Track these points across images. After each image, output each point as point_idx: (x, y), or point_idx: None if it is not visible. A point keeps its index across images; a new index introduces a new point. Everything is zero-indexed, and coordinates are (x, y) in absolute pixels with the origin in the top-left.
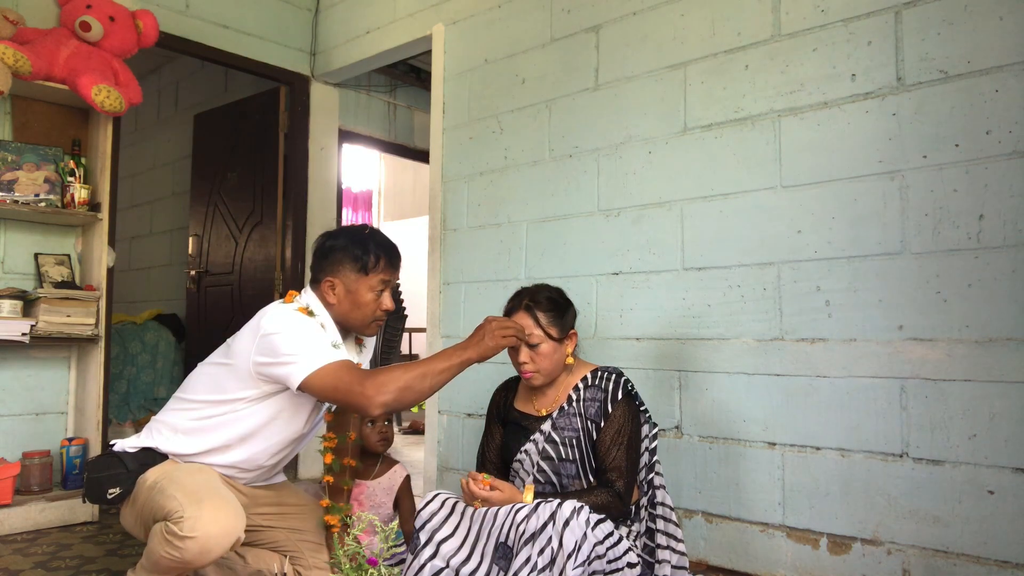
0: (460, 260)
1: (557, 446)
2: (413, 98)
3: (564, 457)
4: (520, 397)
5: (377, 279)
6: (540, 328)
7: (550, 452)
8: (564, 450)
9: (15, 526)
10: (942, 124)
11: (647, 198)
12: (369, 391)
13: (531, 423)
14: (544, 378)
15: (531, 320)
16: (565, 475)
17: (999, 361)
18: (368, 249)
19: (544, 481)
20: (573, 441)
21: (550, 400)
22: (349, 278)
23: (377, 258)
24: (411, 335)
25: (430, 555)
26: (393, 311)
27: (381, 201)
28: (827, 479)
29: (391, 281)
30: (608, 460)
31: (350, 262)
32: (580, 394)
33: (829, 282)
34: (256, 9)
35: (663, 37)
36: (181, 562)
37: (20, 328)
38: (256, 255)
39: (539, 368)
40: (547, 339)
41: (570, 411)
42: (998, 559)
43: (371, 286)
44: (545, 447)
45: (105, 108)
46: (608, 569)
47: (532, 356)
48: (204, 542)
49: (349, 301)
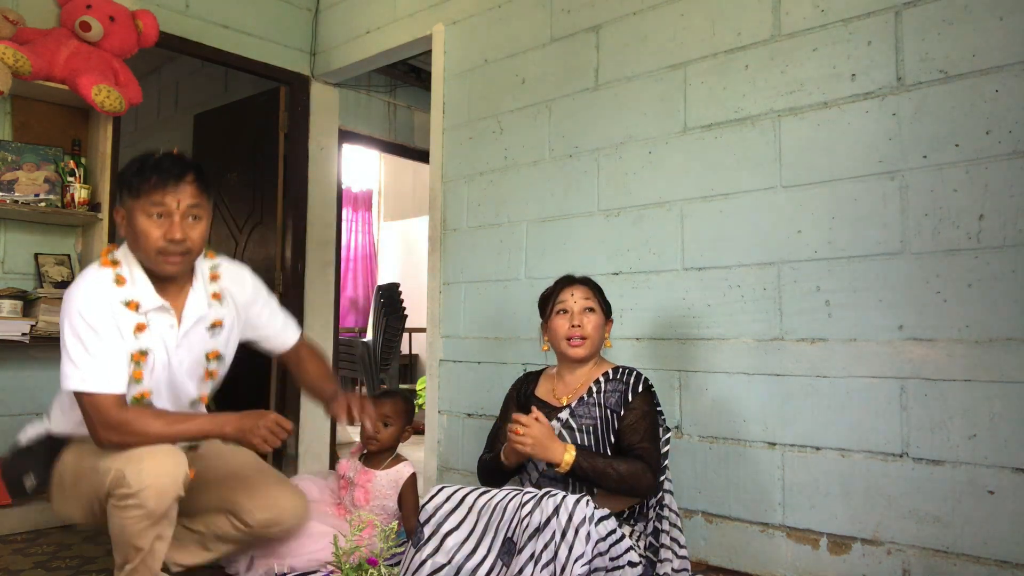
0: (460, 260)
1: (573, 432)
2: (413, 98)
3: (579, 443)
4: (541, 387)
5: (148, 201)
6: (597, 299)
7: (566, 437)
8: (580, 436)
9: (15, 526)
10: (942, 124)
11: (647, 198)
12: (101, 436)
13: (550, 411)
14: (588, 348)
15: (588, 289)
16: None
17: (999, 361)
18: (138, 168)
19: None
20: (590, 428)
21: (572, 390)
22: (127, 205)
23: (146, 177)
24: (411, 335)
25: (432, 550)
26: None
27: (381, 201)
28: (827, 479)
29: (168, 205)
30: (633, 439)
31: (124, 186)
32: (601, 387)
33: (829, 282)
34: (256, 9)
35: (663, 37)
36: (147, 514)
37: (20, 328)
38: (256, 255)
39: (588, 334)
40: (600, 311)
41: (590, 401)
42: (998, 559)
43: (145, 211)
44: (561, 432)
45: (105, 108)
46: (610, 566)
47: (585, 321)
48: (157, 484)
49: (131, 232)
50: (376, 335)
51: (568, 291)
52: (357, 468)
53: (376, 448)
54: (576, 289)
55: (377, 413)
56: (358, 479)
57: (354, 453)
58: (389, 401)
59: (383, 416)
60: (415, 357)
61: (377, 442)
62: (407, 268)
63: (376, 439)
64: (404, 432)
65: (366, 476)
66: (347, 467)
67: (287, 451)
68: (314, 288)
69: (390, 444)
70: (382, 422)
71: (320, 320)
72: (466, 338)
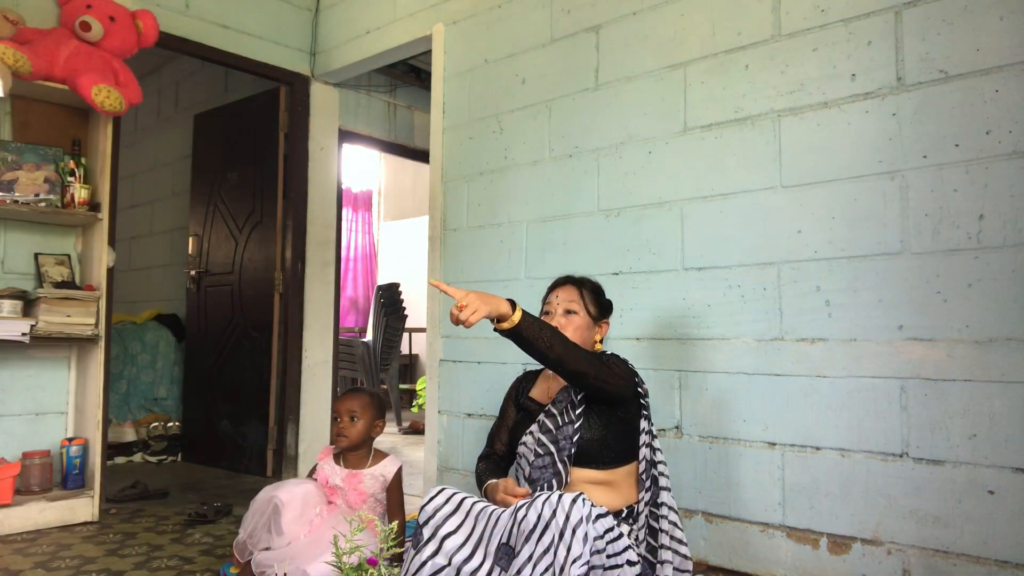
0: (460, 260)
1: (554, 417)
2: (413, 98)
3: (560, 424)
4: (537, 387)
5: None
6: (582, 301)
7: (548, 425)
8: (560, 418)
9: (15, 526)
10: (942, 124)
11: (647, 198)
12: None
13: (539, 409)
14: None
15: (576, 292)
16: (562, 438)
17: (999, 361)
18: None
19: (544, 453)
20: (567, 405)
21: (562, 387)
22: None
23: None
24: (411, 335)
25: (432, 552)
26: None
27: (381, 201)
28: (827, 479)
29: None
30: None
31: None
32: None
33: (829, 282)
34: (256, 9)
35: (663, 37)
36: None
37: (20, 328)
38: (256, 255)
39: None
40: (585, 312)
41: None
42: (998, 559)
43: None
44: (544, 421)
45: (105, 108)
46: (608, 564)
47: (563, 323)
48: None
49: None
50: (376, 335)
51: (554, 292)
52: (340, 472)
53: (347, 445)
54: (563, 290)
55: (344, 409)
56: (346, 483)
57: (323, 458)
58: (353, 396)
59: (350, 412)
60: (415, 357)
61: (347, 439)
62: (407, 268)
63: (346, 436)
64: (375, 426)
65: (354, 478)
66: (329, 473)
67: (287, 451)
68: (314, 288)
69: (361, 439)
70: (349, 417)
71: (320, 320)
72: (466, 338)
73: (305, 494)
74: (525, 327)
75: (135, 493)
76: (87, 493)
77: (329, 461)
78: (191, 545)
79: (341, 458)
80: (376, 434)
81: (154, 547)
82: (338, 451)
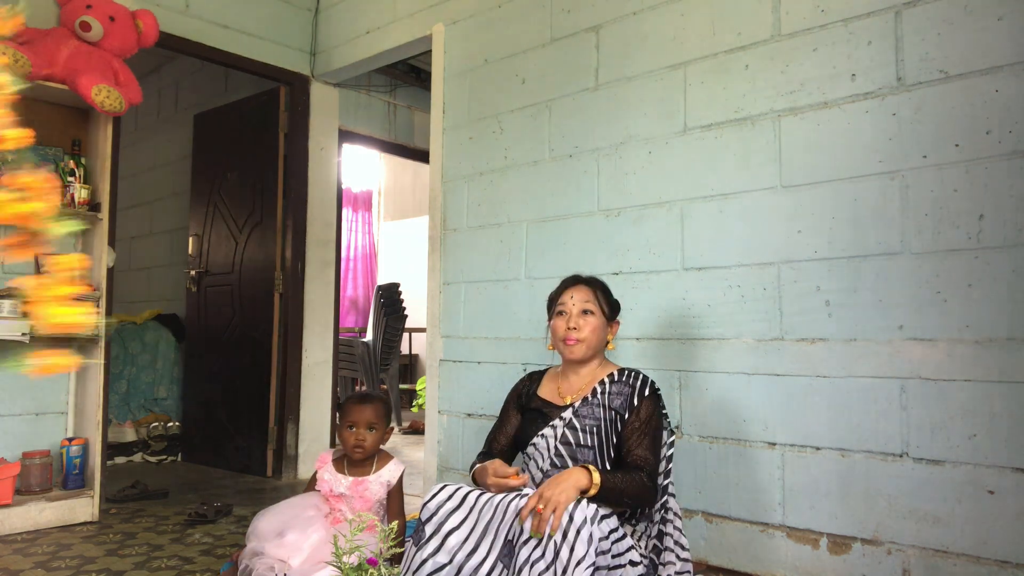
0: (460, 260)
1: (576, 432)
2: (413, 98)
3: (582, 443)
4: (545, 386)
5: None
6: (597, 301)
7: (569, 437)
8: (583, 436)
9: (15, 526)
10: (942, 124)
11: (647, 198)
12: None
13: (552, 410)
14: (584, 350)
15: (590, 292)
16: (582, 460)
17: (999, 361)
18: None
19: (560, 465)
20: (593, 429)
21: (576, 389)
22: None
23: None
24: (411, 335)
25: (433, 549)
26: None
27: (381, 201)
28: (827, 479)
29: None
30: (635, 448)
31: None
32: (606, 387)
33: (829, 282)
34: (256, 9)
35: (663, 37)
36: None
37: (20, 328)
38: (256, 255)
39: (584, 337)
40: (600, 313)
41: (594, 402)
42: (998, 559)
43: None
44: (564, 431)
45: (105, 108)
46: (612, 564)
47: (581, 324)
48: None
49: None
50: (376, 335)
51: (569, 292)
52: (344, 481)
53: (364, 456)
54: (577, 291)
55: (361, 420)
56: (351, 490)
57: (322, 465)
58: (372, 406)
59: (368, 422)
60: (415, 357)
61: (364, 450)
62: (407, 268)
63: (364, 447)
64: (386, 434)
65: (360, 485)
66: (331, 482)
67: (287, 451)
68: (314, 288)
69: (376, 448)
70: (367, 427)
71: (320, 320)
72: (466, 338)
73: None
74: (606, 486)
75: (135, 493)
76: (87, 493)
77: (329, 468)
78: (191, 545)
79: (343, 464)
80: (386, 440)
81: (154, 547)
82: (338, 456)
